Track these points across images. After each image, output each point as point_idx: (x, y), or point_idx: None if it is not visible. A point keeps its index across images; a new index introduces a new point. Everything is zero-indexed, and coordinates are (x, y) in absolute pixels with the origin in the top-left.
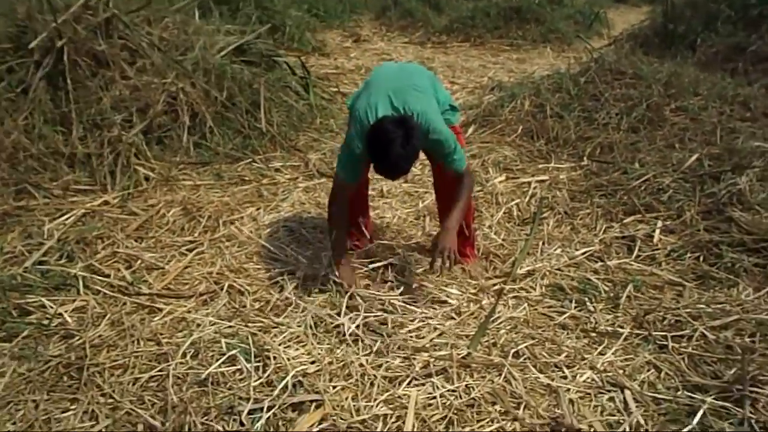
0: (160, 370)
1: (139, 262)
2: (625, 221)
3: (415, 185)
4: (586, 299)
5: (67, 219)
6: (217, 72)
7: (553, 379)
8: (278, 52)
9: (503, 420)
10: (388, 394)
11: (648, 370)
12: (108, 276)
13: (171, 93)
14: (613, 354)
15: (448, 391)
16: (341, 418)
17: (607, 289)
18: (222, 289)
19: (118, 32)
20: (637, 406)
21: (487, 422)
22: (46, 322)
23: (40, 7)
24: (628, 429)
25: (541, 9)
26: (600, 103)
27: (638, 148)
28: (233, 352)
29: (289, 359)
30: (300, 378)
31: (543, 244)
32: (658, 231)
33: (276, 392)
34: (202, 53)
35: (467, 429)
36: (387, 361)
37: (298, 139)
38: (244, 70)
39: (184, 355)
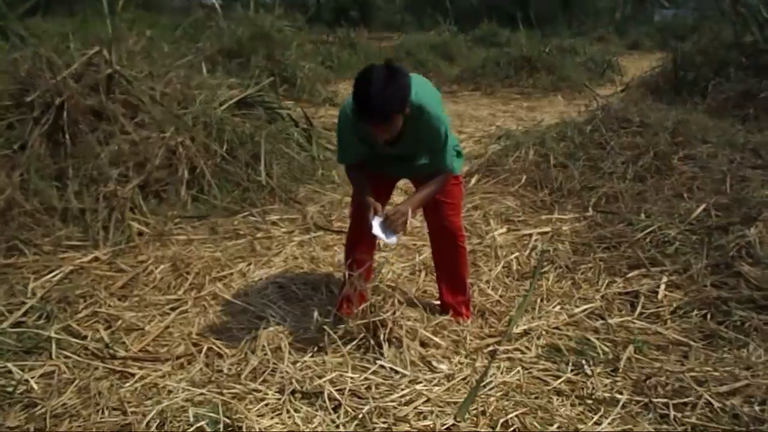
0: None
1: (119, 322)
2: (628, 276)
3: (413, 237)
4: (584, 361)
5: (53, 276)
6: (218, 125)
7: None
8: (281, 104)
9: None
10: None
11: None
12: (85, 338)
13: (170, 147)
14: (609, 424)
15: None
16: None
17: (606, 349)
18: (200, 352)
19: (120, 87)
20: None
21: None
22: (10, 389)
23: (42, 65)
24: None
25: (552, 58)
26: (606, 152)
27: (644, 198)
28: (201, 423)
29: (261, 431)
30: None
31: (542, 300)
32: (663, 286)
33: None
34: (203, 107)
35: None
36: None
37: (297, 191)
38: (245, 123)
39: (148, 425)
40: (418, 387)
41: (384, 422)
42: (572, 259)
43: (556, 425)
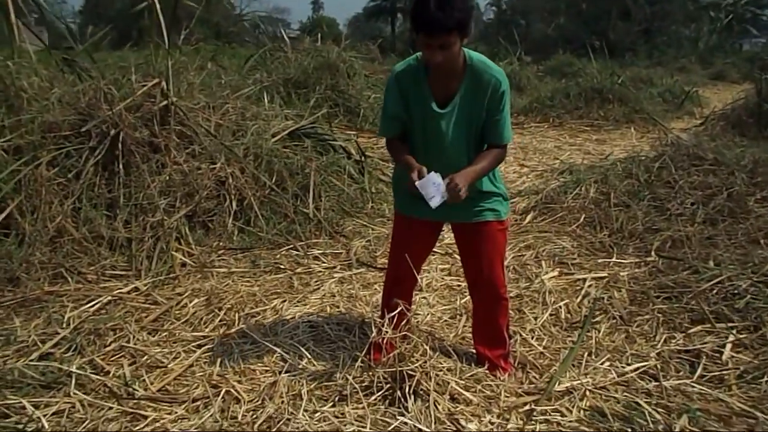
0: None
1: (144, 358)
2: (690, 331)
3: (459, 278)
4: (630, 430)
5: (91, 306)
6: (268, 157)
7: None
8: (334, 135)
9: None
10: None
11: None
12: (107, 373)
13: (220, 178)
14: None
15: None
16: None
17: (658, 417)
18: (218, 395)
19: (176, 119)
20: None
21: None
22: (21, 426)
23: (104, 96)
24: None
25: (625, 89)
26: (674, 192)
27: (715, 244)
28: None
29: None
30: None
31: (589, 355)
32: (729, 346)
33: None
34: (255, 138)
35: None
36: None
37: (344, 225)
38: (296, 155)
39: None
40: None
41: None
42: (628, 309)
43: None
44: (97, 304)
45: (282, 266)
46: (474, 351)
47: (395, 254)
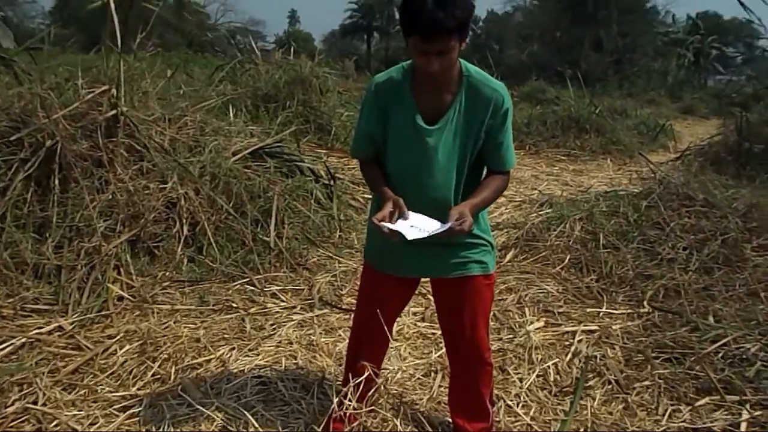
0: None
1: (53, 424)
2: (697, 404)
3: (433, 325)
4: None
5: (0, 350)
6: (226, 177)
7: None
8: (302, 156)
9: None
10: None
11: None
12: None
13: (170, 199)
14: None
15: None
16: None
17: None
18: None
19: (126, 130)
20: None
21: None
22: None
23: (40, 102)
24: None
25: (602, 119)
26: (664, 234)
27: (712, 296)
28: None
29: None
30: None
31: (585, 431)
32: (744, 425)
33: None
34: (213, 156)
35: None
36: None
37: (308, 257)
38: (259, 177)
39: None
40: None
41: None
42: (624, 373)
43: None
44: (8, 347)
45: (234, 304)
46: (451, 421)
47: (363, 310)
